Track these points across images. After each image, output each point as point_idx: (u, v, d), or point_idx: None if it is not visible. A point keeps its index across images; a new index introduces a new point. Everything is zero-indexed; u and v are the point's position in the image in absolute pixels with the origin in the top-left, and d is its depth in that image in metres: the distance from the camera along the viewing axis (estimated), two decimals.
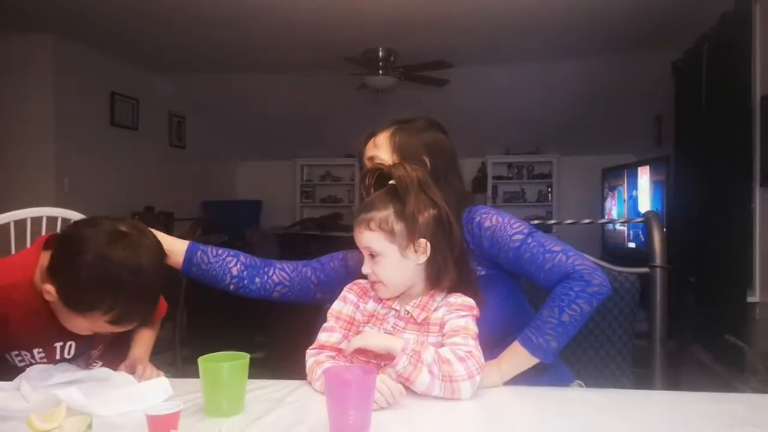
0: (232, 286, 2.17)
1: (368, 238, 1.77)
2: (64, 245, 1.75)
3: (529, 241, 1.90)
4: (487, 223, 1.97)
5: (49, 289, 1.73)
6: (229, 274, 2.16)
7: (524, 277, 1.99)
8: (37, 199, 2.89)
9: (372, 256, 1.78)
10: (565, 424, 1.51)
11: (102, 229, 1.74)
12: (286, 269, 2.20)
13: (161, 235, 2.06)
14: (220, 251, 2.18)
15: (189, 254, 2.14)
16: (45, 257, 1.80)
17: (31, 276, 1.84)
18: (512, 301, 2.04)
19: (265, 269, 2.19)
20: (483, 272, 1.97)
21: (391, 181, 1.83)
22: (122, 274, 1.69)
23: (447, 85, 7.87)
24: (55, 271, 1.74)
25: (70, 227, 1.85)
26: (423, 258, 1.77)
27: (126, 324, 1.78)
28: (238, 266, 2.17)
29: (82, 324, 1.78)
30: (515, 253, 1.91)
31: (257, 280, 2.17)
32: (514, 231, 1.93)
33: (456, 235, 1.82)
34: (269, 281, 2.18)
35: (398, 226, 1.75)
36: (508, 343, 1.86)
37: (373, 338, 1.72)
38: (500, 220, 1.96)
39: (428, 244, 1.77)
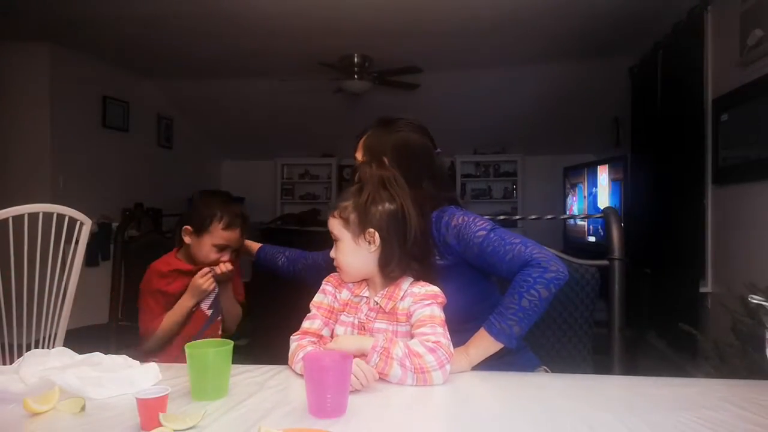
0: (283, 272, 2.78)
1: (331, 223, 1.88)
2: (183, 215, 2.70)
3: (492, 236, 1.94)
4: (454, 222, 2.02)
5: (186, 231, 2.56)
6: (277, 266, 2.79)
7: (489, 271, 2.01)
8: (34, 196, 2.89)
9: (335, 241, 1.88)
10: (529, 407, 1.51)
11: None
12: (309, 259, 2.71)
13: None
14: (274, 250, 2.84)
15: (259, 252, 2.84)
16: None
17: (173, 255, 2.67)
18: (472, 290, 2.06)
19: (296, 263, 2.75)
20: (442, 262, 2.02)
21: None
22: (218, 197, 2.68)
23: (418, 89, 7.88)
24: (183, 223, 2.59)
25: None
26: (373, 248, 1.84)
27: (234, 227, 2.56)
28: (282, 260, 2.78)
29: (208, 243, 2.54)
30: (479, 247, 1.94)
31: (291, 269, 2.75)
32: (477, 228, 1.97)
33: (412, 230, 1.86)
34: (299, 268, 2.72)
35: (352, 216, 1.84)
36: (469, 328, 1.90)
37: (346, 342, 1.76)
38: (466, 219, 2.01)
39: (377, 234, 1.82)
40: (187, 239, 2.58)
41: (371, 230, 1.82)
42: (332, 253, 1.89)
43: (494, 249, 1.91)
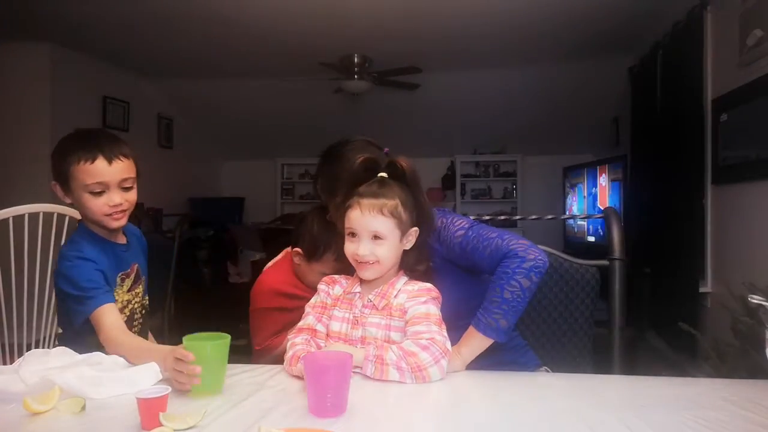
0: None
1: (380, 222, 1.80)
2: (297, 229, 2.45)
3: (470, 234, 1.95)
4: (434, 226, 2.01)
5: (298, 251, 2.39)
6: None
7: (473, 269, 2.00)
8: (34, 196, 2.87)
9: (375, 237, 1.81)
10: (529, 407, 1.51)
11: (304, 213, 2.51)
12: None
13: None
14: None
15: None
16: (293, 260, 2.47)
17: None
18: (461, 287, 2.04)
19: None
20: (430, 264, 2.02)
21: (381, 174, 1.88)
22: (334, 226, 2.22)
23: (418, 89, 7.88)
24: (295, 244, 2.41)
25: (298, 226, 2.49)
26: (409, 246, 1.86)
27: (343, 260, 2.10)
28: None
29: (318, 271, 2.31)
30: (460, 247, 1.95)
31: None
32: (456, 228, 1.98)
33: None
34: None
35: (405, 215, 1.82)
36: (461, 326, 1.89)
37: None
38: (444, 221, 2.01)
39: (415, 232, 1.86)
40: (296, 260, 2.44)
41: (415, 229, 1.86)
42: (364, 251, 1.80)
43: (474, 246, 1.92)
